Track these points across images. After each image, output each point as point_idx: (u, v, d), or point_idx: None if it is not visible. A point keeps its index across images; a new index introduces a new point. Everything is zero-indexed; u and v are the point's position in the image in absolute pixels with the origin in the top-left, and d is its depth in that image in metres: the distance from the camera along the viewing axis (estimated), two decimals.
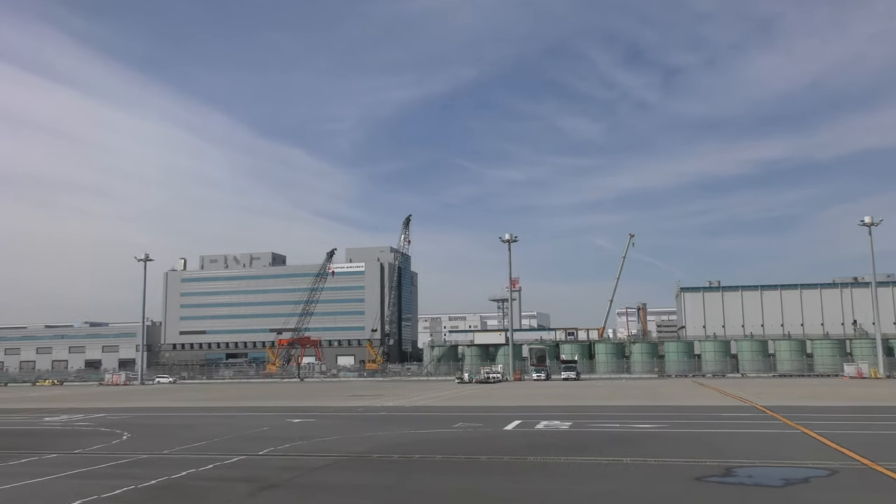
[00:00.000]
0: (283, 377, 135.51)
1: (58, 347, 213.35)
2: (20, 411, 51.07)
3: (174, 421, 39.70)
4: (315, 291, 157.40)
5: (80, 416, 44.86)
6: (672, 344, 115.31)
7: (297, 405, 52.12)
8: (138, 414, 45.55)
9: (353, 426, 34.89)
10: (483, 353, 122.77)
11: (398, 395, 64.82)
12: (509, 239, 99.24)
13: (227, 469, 22.04)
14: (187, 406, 53.51)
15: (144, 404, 56.61)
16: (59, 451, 26.58)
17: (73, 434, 33.36)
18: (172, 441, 29.45)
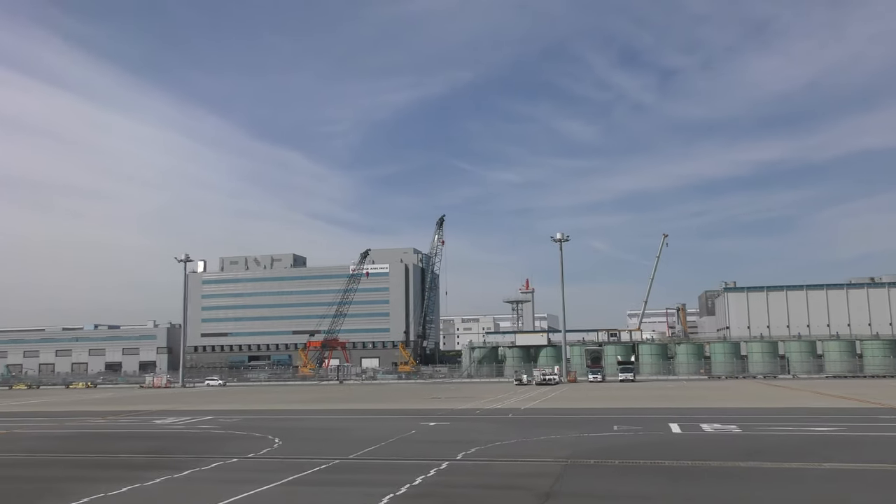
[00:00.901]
0: (318, 379, 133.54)
1: (77, 350, 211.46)
2: (111, 414, 49.33)
3: (303, 424, 38.00)
4: (348, 293, 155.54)
5: (187, 418, 43.16)
6: (718, 345, 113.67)
7: (396, 408, 50.49)
8: (249, 417, 43.80)
9: (505, 429, 33.23)
10: (524, 355, 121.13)
11: (474, 397, 63.17)
12: (561, 238, 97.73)
13: (457, 475, 20.41)
14: (290, 409, 51.54)
15: (234, 406, 54.75)
16: (229, 456, 24.88)
17: (216, 438, 31.68)
18: (338, 445, 27.81)
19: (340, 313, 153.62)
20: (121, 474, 21.64)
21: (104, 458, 25.71)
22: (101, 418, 45.47)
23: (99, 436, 34.33)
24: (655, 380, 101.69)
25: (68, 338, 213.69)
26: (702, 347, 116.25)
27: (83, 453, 27.13)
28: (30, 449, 29.01)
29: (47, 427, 39.66)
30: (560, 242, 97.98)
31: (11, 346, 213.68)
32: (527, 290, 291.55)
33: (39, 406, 62.96)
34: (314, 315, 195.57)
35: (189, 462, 23.60)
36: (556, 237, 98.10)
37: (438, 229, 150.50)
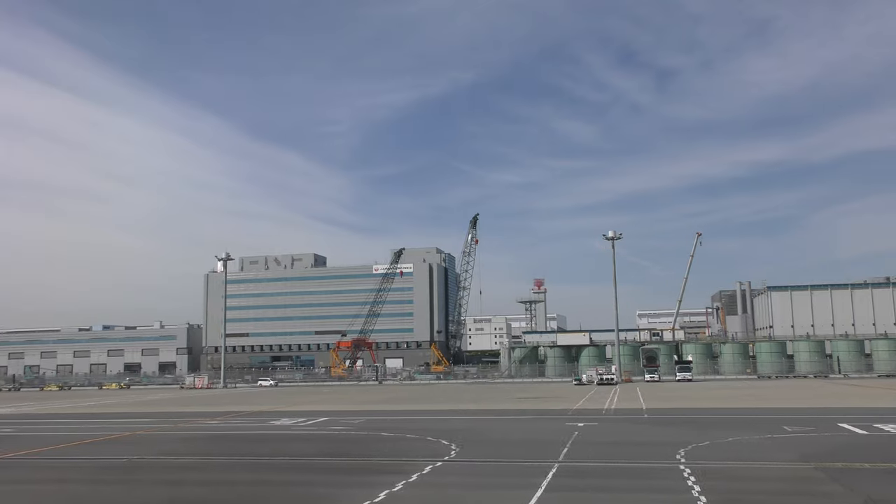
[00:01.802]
0: (355, 380, 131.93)
1: (96, 350, 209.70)
2: (207, 415, 47.88)
3: (442, 425, 36.66)
4: (381, 292, 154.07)
5: (302, 419, 41.81)
6: (764, 344, 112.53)
7: (507, 408, 49.29)
8: (370, 417, 42.48)
9: (678, 431, 31.99)
10: (566, 355, 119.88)
11: (557, 397, 61.95)
12: (613, 236, 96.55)
13: (733, 480, 19.19)
14: (395, 409, 50.09)
15: (328, 407, 53.32)
16: (427, 459, 23.74)
17: (386, 440, 30.43)
18: (524, 448, 26.69)
19: (373, 313, 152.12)
20: (354, 479, 20.43)
21: (310, 462, 24.39)
22: (210, 419, 44.05)
23: (251, 438, 32.98)
24: (707, 380, 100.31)
25: (87, 338, 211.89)
26: (747, 347, 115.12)
27: (274, 456, 25.80)
28: (203, 451, 27.67)
29: (168, 429, 38.27)
30: (612, 240, 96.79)
31: (28, 347, 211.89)
32: (539, 290, 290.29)
33: (111, 407, 61.46)
34: (337, 315, 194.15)
35: (398, 466, 22.48)
36: (608, 235, 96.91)
37: (472, 228, 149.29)
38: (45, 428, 40.25)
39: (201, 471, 23.00)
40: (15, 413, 55.74)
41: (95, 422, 44.71)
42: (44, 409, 60.79)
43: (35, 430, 39.25)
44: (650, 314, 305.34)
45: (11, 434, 36.94)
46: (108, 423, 43.59)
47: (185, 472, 22.88)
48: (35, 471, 24.02)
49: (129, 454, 27.20)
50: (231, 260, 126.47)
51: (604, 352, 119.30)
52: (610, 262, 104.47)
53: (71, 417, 49.35)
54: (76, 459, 26.48)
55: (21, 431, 38.31)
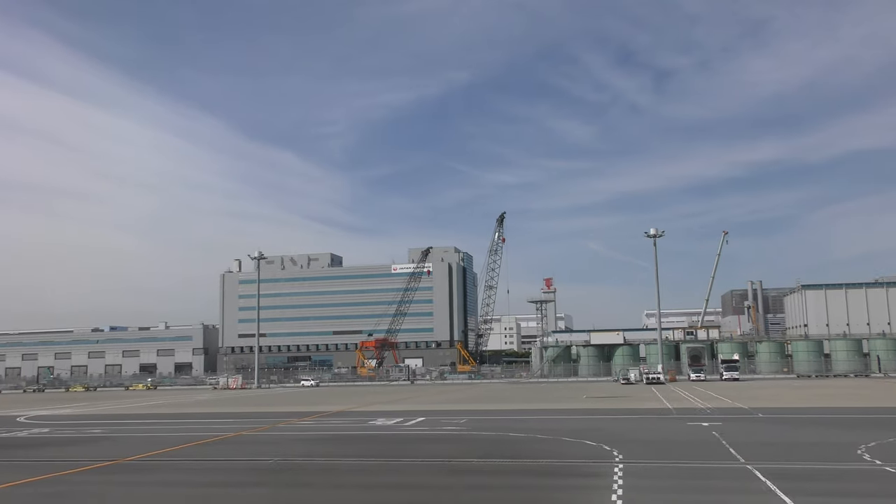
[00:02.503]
0: (387, 380, 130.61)
1: (111, 351, 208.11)
2: (295, 415, 46.68)
3: (553, 425, 35.47)
4: (409, 292, 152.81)
5: (400, 419, 40.62)
6: (800, 343, 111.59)
7: (585, 408, 48.15)
8: (474, 417, 41.21)
9: (821, 432, 30.88)
10: (599, 354, 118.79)
11: (621, 396, 60.87)
12: (655, 234, 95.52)
13: None
14: (484, 409, 48.79)
15: (398, 408, 52.09)
16: (606, 462, 22.53)
17: (543, 442, 29.20)
18: (687, 450, 25.43)
19: (400, 312, 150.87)
20: (559, 482, 19.30)
21: (492, 465, 23.21)
22: (300, 419, 42.81)
23: (378, 438, 31.75)
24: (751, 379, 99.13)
25: (102, 339, 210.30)
26: (783, 346, 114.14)
27: (434, 457, 24.62)
28: (345, 453, 26.46)
29: (271, 429, 37.01)
30: (654, 238, 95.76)
31: (42, 348, 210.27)
32: (549, 290, 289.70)
33: (174, 408, 60.17)
34: (355, 315, 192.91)
35: (587, 468, 21.24)
36: (650, 233, 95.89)
37: (499, 226, 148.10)
38: (137, 429, 39.00)
39: (377, 473, 21.79)
40: (82, 414, 54.34)
41: (182, 422, 43.46)
42: (106, 409, 59.41)
43: (128, 431, 38.00)
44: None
45: (107, 435, 35.68)
46: (198, 423, 42.34)
47: (360, 475, 21.66)
48: (191, 473, 22.78)
49: (266, 455, 26.00)
50: (264, 259, 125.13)
51: (637, 351, 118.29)
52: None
53: (150, 418, 48.06)
54: (219, 461, 25.28)
55: (113, 433, 37.06)
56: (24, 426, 42.54)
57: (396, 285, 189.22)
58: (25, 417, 50.66)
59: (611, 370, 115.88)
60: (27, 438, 35.03)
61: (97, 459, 25.85)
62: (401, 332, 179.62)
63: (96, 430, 38.72)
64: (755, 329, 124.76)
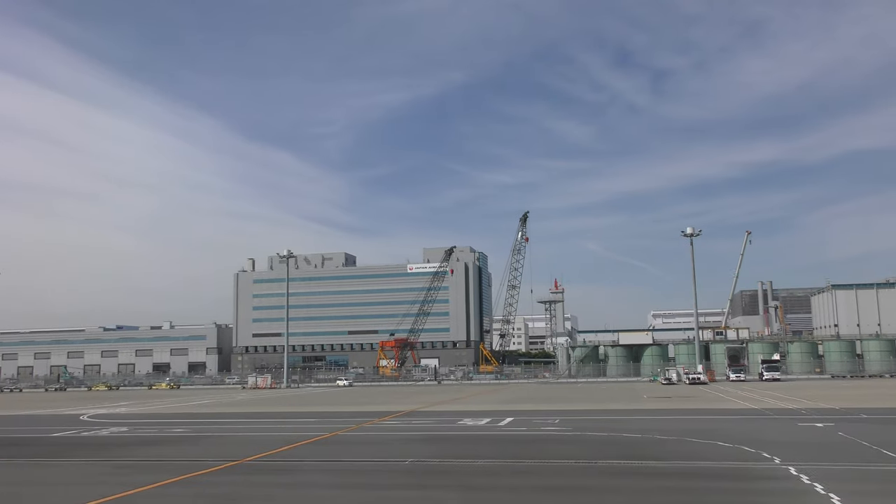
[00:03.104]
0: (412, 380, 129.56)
1: (124, 350, 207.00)
2: (370, 415, 45.65)
3: (656, 425, 34.50)
4: (431, 291, 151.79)
5: (487, 419, 39.59)
6: (832, 343, 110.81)
7: (662, 408, 47.14)
8: (569, 418, 40.23)
9: None
10: (628, 354, 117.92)
11: (691, 397, 59.90)
12: (692, 233, 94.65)
13: None
14: (565, 409, 47.64)
15: (470, 408, 51.04)
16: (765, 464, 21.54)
17: (669, 443, 28.21)
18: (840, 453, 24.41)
19: (423, 312, 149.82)
20: (761, 486, 18.32)
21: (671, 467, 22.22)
22: (384, 419, 41.76)
23: (495, 439, 30.74)
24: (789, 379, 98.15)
25: (114, 338, 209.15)
26: (815, 346, 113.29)
27: (576, 459, 23.63)
28: (477, 454, 25.45)
29: (362, 429, 35.97)
30: (691, 237, 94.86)
31: (55, 347, 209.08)
32: (556, 290, 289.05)
33: (226, 407, 59.07)
34: (370, 315, 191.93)
35: (770, 472, 20.23)
36: (686, 231, 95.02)
37: (522, 225, 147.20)
38: (221, 428, 37.92)
39: (537, 475, 20.71)
40: (145, 413, 53.13)
41: (260, 422, 42.34)
42: (160, 408, 58.24)
43: (212, 430, 36.94)
44: (665, 314, 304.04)
45: (197, 434, 34.56)
46: (278, 423, 41.26)
47: (523, 476, 20.61)
48: (339, 475, 21.68)
49: (387, 456, 24.99)
50: (293, 257, 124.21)
51: (666, 351, 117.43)
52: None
53: (220, 417, 46.92)
54: (353, 462, 24.20)
55: (198, 432, 35.99)
56: (94, 425, 41.44)
57: (412, 285, 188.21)
58: (88, 416, 49.59)
59: (639, 370, 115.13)
60: (114, 437, 33.94)
61: (219, 459, 24.79)
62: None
63: (178, 429, 37.65)
64: (783, 329, 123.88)
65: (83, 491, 19.29)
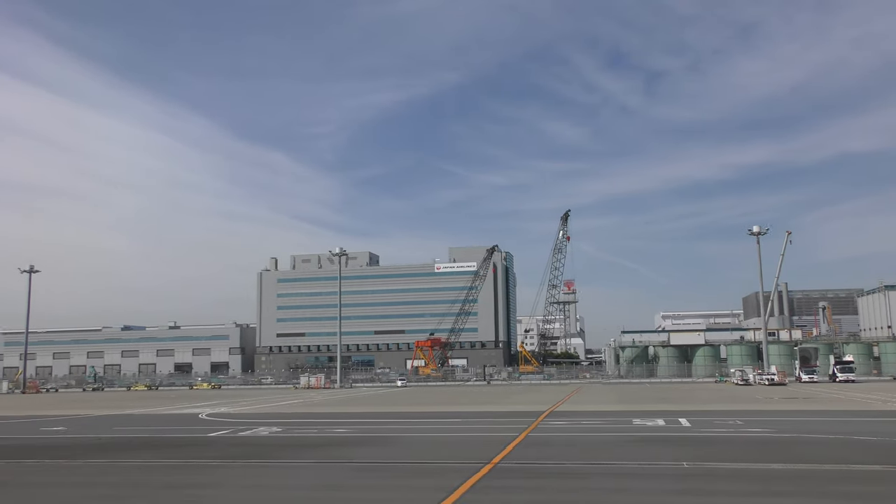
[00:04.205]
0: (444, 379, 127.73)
1: (144, 350, 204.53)
2: (506, 415, 43.64)
3: (808, 426, 32.59)
4: (472, 290, 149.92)
5: (658, 421, 37.61)
6: (890, 345, 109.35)
7: (805, 409, 45.26)
8: (746, 418, 38.31)
9: None
10: (679, 355, 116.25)
11: (813, 398, 58.11)
12: (758, 231, 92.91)
13: None
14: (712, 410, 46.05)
15: (584, 408, 49.12)
16: None
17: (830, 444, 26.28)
18: None
19: (465, 312, 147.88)
20: None
21: None
22: (534, 419, 39.72)
23: (713, 440, 28.77)
24: (858, 381, 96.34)
25: (135, 338, 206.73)
26: (871, 347, 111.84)
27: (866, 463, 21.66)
28: (725, 457, 23.46)
29: (532, 430, 33.92)
30: (758, 236, 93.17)
31: (74, 347, 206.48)
32: (569, 292, 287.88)
33: (319, 407, 56.88)
34: (396, 315, 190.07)
35: None
36: (752, 230, 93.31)
37: (563, 224, 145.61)
38: (385, 429, 35.83)
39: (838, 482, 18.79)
40: (259, 412, 50.88)
41: (408, 423, 40.17)
42: (270, 409, 55.97)
43: (381, 431, 34.84)
44: (674, 315, 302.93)
45: (376, 435, 32.48)
46: (428, 423, 39.14)
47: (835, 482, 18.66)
48: (638, 480, 19.71)
49: (662, 459, 23.01)
50: (345, 255, 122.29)
51: (718, 352, 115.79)
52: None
53: (352, 417, 44.68)
54: (632, 465, 22.22)
55: (367, 432, 33.88)
56: (232, 424, 39.23)
57: (440, 284, 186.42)
58: (206, 414, 47.43)
59: (690, 371, 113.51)
60: (290, 438, 31.78)
61: (463, 462, 22.66)
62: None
63: (339, 429, 35.48)
64: (832, 331, 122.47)
65: (392, 495, 17.29)
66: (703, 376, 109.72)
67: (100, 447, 28.87)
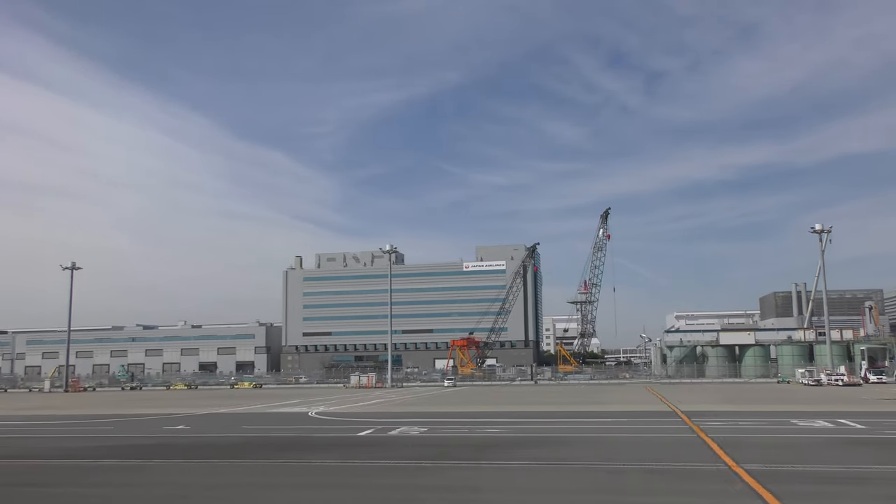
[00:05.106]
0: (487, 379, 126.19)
1: (168, 349, 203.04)
2: (606, 414, 42.07)
3: None
4: (511, 289, 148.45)
5: (820, 422, 36.01)
6: None
7: None
8: None
9: None
10: (729, 355, 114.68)
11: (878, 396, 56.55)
12: (821, 229, 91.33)
13: None
14: (778, 410, 44.49)
15: (661, 407, 47.54)
16: None
17: None
18: None
19: (505, 310, 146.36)
20: None
21: None
22: (652, 419, 38.10)
23: None
24: None
25: (159, 337, 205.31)
26: None
27: None
28: None
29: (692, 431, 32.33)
30: (820, 234, 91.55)
31: (97, 346, 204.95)
32: (584, 292, 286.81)
33: (401, 406, 55.30)
34: (423, 314, 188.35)
35: None
36: (815, 228, 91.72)
37: (603, 222, 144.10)
38: (536, 430, 34.25)
39: None
40: (360, 412, 49.22)
41: (537, 422, 38.64)
42: (358, 409, 54.39)
43: (533, 430, 33.27)
44: (687, 316, 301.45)
45: (546, 436, 30.94)
46: (558, 423, 37.62)
47: None
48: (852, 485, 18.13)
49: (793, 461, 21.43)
50: (395, 252, 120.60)
51: (768, 351, 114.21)
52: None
53: (462, 417, 43.15)
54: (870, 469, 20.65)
55: (521, 432, 32.30)
56: (363, 424, 37.61)
57: (468, 283, 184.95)
58: (315, 413, 45.83)
59: (739, 371, 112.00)
60: (461, 438, 30.23)
61: (700, 462, 21.14)
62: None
63: (492, 429, 33.89)
64: (879, 331, 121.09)
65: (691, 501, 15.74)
66: (752, 376, 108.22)
67: (279, 447, 27.37)
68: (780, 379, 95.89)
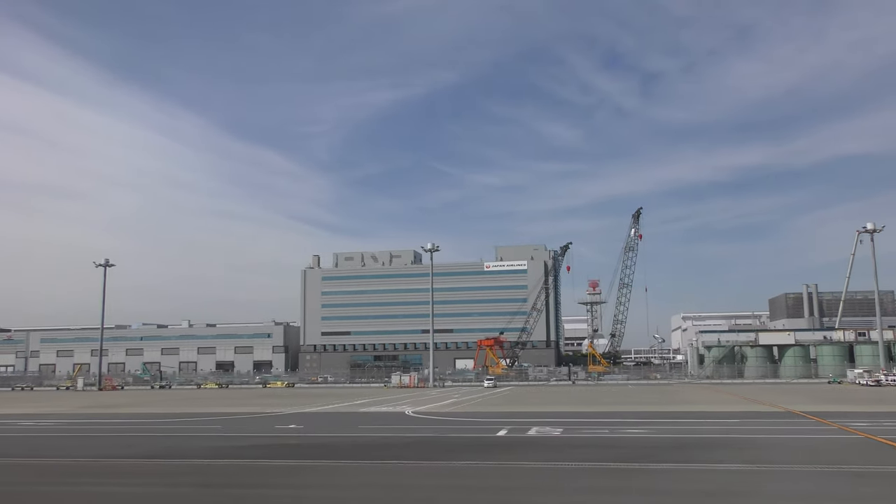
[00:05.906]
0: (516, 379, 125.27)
1: (185, 348, 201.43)
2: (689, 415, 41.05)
3: None
4: (543, 290, 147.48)
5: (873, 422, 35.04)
6: None
7: None
8: None
9: None
10: (768, 355, 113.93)
11: None
12: (872, 229, 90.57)
13: None
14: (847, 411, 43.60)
15: (719, 408, 46.58)
16: None
17: None
18: None
19: (536, 309, 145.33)
20: None
21: None
22: (730, 419, 37.10)
23: None
24: None
25: (175, 335, 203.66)
26: None
27: None
28: None
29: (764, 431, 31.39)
30: (871, 233, 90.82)
31: (112, 344, 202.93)
32: (594, 292, 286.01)
33: (473, 406, 54.29)
34: (444, 314, 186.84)
35: None
36: (867, 227, 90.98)
37: (634, 222, 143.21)
38: (676, 430, 33.26)
39: None
40: (456, 412, 48.16)
41: (639, 422, 37.64)
42: (439, 408, 53.27)
43: (671, 432, 32.30)
44: (694, 317, 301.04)
45: (687, 437, 29.95)
46: (689, 424, 36.63)
47: None
48: None
49: None
50: (437, 251, 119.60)
51: (808, 352, 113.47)
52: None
53: (566, 416, 42.12)
54: None
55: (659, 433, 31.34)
56: (496, 424, 36.56)
57: (489, 283, 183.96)
58: (412, 412, 44.73)
59: (777, 371, 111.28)
60: (581, 439, 29.21)
61: None
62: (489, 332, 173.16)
63: (633, 430, 32.91)
64: None
65: None
66: (793, 377, 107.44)
67: (429, 447, 26.43)
68: (832, 379, 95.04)
